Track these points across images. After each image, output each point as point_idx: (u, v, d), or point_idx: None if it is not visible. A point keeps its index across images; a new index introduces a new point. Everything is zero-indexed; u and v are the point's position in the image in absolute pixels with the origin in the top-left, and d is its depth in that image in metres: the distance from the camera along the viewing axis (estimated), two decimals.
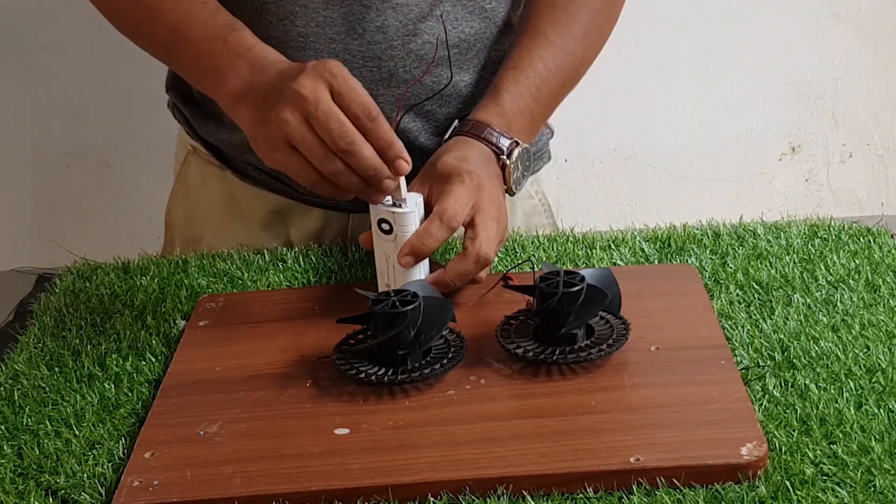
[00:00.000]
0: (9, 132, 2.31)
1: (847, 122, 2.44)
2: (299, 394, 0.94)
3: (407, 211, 1.02)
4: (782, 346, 0.97)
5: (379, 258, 1.05)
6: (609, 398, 0.90)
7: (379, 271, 1.05)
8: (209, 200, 1.32)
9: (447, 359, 0.94)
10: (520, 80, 1.16)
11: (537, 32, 1.18)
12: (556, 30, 1.18)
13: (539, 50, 1.17)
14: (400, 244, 1.02)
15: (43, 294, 1.17)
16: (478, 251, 1.02)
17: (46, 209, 2.38)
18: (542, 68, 1.16)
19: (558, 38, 1.18)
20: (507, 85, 1.15)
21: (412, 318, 0.92)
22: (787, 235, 1.17)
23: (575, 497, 0.81)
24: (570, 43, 1.19)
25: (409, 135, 1.20)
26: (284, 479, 0.83)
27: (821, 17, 2.35)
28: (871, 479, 0.80)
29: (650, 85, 2.38)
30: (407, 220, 1.02)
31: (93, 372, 1.01)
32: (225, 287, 1.16)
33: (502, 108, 1.14)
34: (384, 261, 1.04)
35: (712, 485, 0.81)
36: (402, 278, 1.03)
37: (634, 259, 1.16)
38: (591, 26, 1.21)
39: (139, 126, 2.29)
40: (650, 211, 2.45)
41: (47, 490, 0.86)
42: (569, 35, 1.19)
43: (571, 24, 1.19)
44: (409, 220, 1.02)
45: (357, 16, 1.15)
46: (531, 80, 1.16)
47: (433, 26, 1.18)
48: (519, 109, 1.15)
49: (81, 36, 2.23)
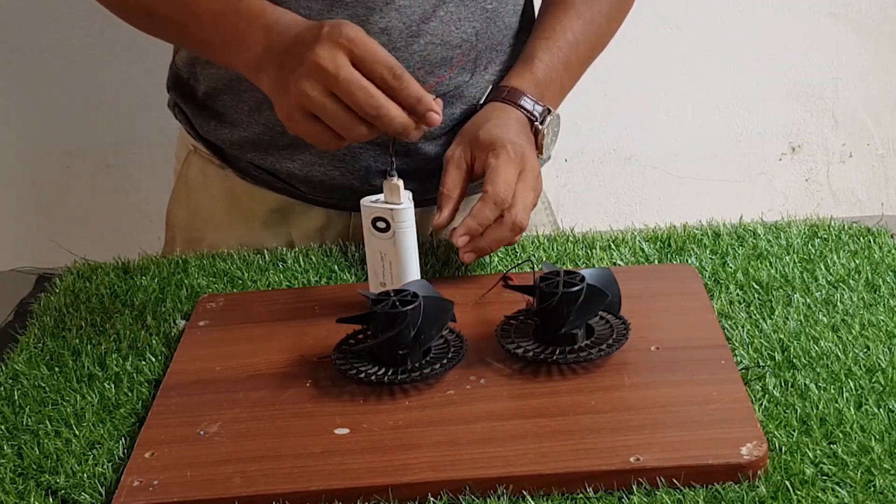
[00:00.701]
0: (9, 132, 2.31)
1: (847, 122, 2.44)
2: (299, 394, 0.94)
3: (405, 207, 1.02)
4: (782, 346, 0.97)
5: (373, 257, 1.05)
6: (609, 398, 0.90)
7: (372, 270, 1.05)
8: (210, 200, 1.32)
9: (447, 359, 0.94)
10: (552, 49, 1.21)
11: (567, 5, 1.24)
12: (586, 4, 1.25)
13: (570, 21, 1.23)
14: (399, 241, 1.02)
15: (43, 294, 1.17)
16: (514, 219, 1.07)
17: (46, 209, 2.38)
18: (572, 38, 1.22)
19: (587, 12, 1.24)
20: (540, 53, 1.21)
21: (412, 318, 0.92)
22: (787, 235, 1.17)
23: (575, 497, 0.81)
24: (598, 17, 1.25)
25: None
26: (284, 479, 0.83)
27: (821, 17, 2.35)
28: (871, 479, 0.80)
29: (650, 85, 2.38)
30: (405, 216, 1.02)
31: (93, 372, 1.01)
32: (225, 287, 1.16)
33: (535, 76, 1.19)
34: (379, 259, 1.04)
35: (712, 485, 0.81)
36: (399, 276, 1.03)
37: (634, 259, 1.16)
38: (611, 12, 1.28)
39: (139, 126, 2.29)
40: (650, 211, 2.45)
41: (47, 490, 0.86)
42: (596, 9, 1.25)
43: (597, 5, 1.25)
44: (407, 216, 1.02)
45: (361, 18, 1.15)
46: (562, 50, 1.22)
47: (437, 27, 1.18)
48: (551, 77, 1.20)
49: (81, 36, 2.23)
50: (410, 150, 1.22)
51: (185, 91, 1.30)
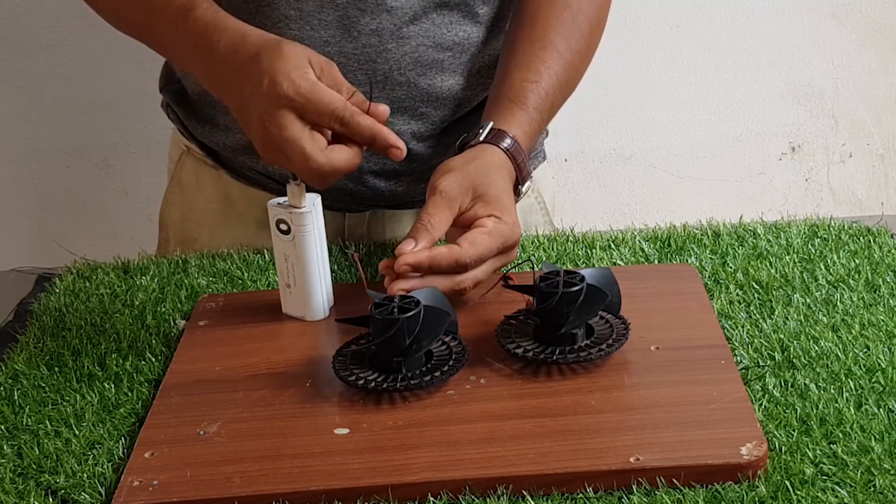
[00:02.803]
0: (9, 132, 2.31)
1: (847, 122, 2.44)
2: (299, 394, 0.94)
3: (305, 211, 1.02)
4: (782, 346, 0.97)
5: (279, 258, 1.05)
6: (609, 398, 0.90)
7: (279, 271, 1.06)
8: (204, 200, 1.32)
9: (448, 366, 0.93)
10: (541, 95, 1.16)
11: (547, 43, 1.18)
12: (566, 43, 1.19)
13: (552, 62, 1.17)
14: (300, 244, 1.03)
15: (43, 294, 1.17)
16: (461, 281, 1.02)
17: (46, 209, 2.38)
18: (556, 83, 1.17)
19: (567, 52, 1.18)
20: (534, 100, 1.15)
21: (408, 325, 0.91)
22: (787, 235, 1.17)
23: (575, 497, 0.81)
24: (576, 57, 1.20)
25: (402, 136, 1.20)
26: (284, 479, 0.83)
27: (821, 17, 2.35)
28: (871, 479, 0.80)
29: (650, 85, 2.38)
30: (305, 220, 1.02)
31: (93, 372, 1.01)
32: (225, 287, 1.16)
33: (532, 128, 1.15)
34: (284, 261, 1.05)
35: (712, 485, 0.81)
36: (301, 278, 1.04)
37: (634, 259, 1.16)
38: (589, 39, 1.22)
39: (139, 126, 2.29)
40: (650, 211, 2.45)
41: (47, 490, 0.86)
42: (574, 48, 1.19)
43: (575, 35, 1.20)
44: (307, 220, 1.03)
45: (352, 19, 1.15)
46: (550, 96, 1.17)
47: (428, 28, 1.18)
48: (540, 128, 1.17)
49: (81, 36, 2.23)
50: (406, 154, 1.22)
51: (176, 92, 1.30)
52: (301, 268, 1.04)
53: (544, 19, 1.19)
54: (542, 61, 1.17)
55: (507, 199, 1.06)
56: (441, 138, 1.24)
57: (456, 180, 1.05)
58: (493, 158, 1.09)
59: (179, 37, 1.06)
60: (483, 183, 1.06)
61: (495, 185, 1.06)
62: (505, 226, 1.04)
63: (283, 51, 1.00)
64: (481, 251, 1.02)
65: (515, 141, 1.11)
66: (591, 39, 1.22)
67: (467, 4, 1.20)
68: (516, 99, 1.15)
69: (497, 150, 1.10)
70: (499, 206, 1.05)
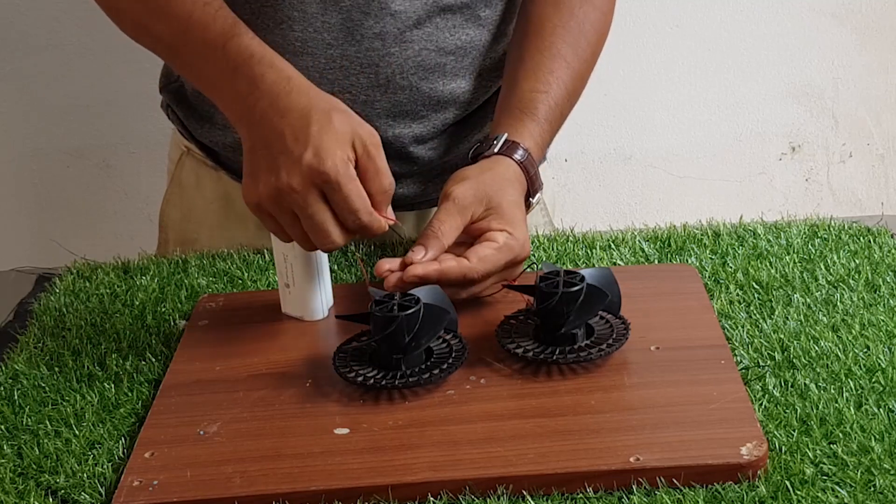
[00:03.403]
0: (9, 132, 2.32)
1: (847, 122, 2.44)
2: (299, 394, 0.94)
3: None
4: (782, 345, 0.97)
5: (278, 258, 1.05)
6: (609, 398, 0.90)
7: (279, 271, 1.06)
8: (204, 201, 1.32)
9: (447, 364, 0.93)
10: (550, 105, 1.16)
11: (555, 53, 1.18)
12: (573, 51, 1.19)
13: (560, 72, 1.17)
14: (297, 244, 1.02)
15: (43, 294, 1.17)
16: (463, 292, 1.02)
17: (46, 209, 2.38)
18: (565, 92, 1.17)
19: (574, 61, 1.18)
20: (544, 110, 1.15)
21: (408, 323, 0.91)
22: (787, 235, 1.17)
23: (575, 497, 0.81)
24: (582, 66, 1.20)
25: (403, 140, 1.21)
26: (284, 479, 0.83)
27: (821, 17, 2.35)
28: (871, 479, 0.80)
29: (650, 85, 2.38)
30: None
31: (93, 372, 1.01)
32: (225, 287, 1.16)
33: (543, 139, 1.15)
34: (283, 261, 1.05)
35: (712, 485, 0.81)
36: (300, 278, 1.04)
37: (634, 259, 1.16)
38: (595, 46, 1.22)
39: (139, 126, 2.29)
40: (650, 211, 2.46)
41: (47, 490, 0.86)
42: (581, 57, 1.20)
43: (581, 44, 1.20)
44: None
45: (355, 22, 1.15)
46: (559, 105, 1.17)
47: (431, 33, 1.18)
48: (550, 138, 1.17)
49: (81, 36, 2.23)
50: (404, 155, 1.22)
51: (176, 92, 1.29)
52: (300, 268, 1.04)
53: (551, 28, 1.19)
54: (549, 71, 1.17)
55: (519, 214, 1.06)
56: (441, 141, 1.24)
57: (471, 189, 1.05)
58: (508, 171, 1.09)
59: (215, 60, 1.03)
60: (497, 194, 1.06)
61: (509, 198, 1.06)
62: (516, 242, 1.04)
63: (333, 123, 0.97)
64: (489, 268, 1.02)
65: (528, 152, 1.11)
66: (596, 47, 1.22)
67: (470, 8, 1.20)
68: (527, 109, 1.15)
69: (511, 162, 1.10)
70: (511, 221, 1.05)
